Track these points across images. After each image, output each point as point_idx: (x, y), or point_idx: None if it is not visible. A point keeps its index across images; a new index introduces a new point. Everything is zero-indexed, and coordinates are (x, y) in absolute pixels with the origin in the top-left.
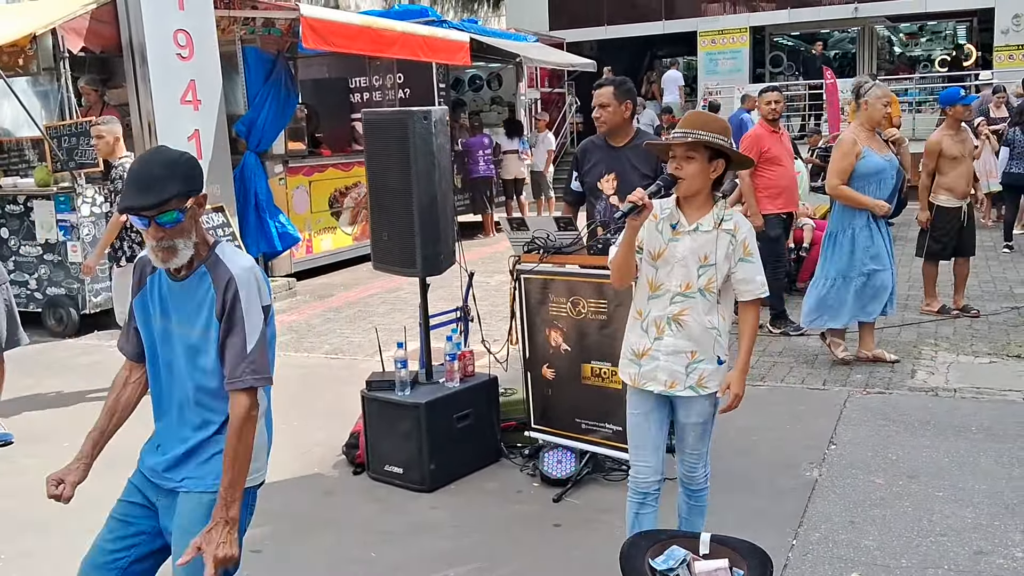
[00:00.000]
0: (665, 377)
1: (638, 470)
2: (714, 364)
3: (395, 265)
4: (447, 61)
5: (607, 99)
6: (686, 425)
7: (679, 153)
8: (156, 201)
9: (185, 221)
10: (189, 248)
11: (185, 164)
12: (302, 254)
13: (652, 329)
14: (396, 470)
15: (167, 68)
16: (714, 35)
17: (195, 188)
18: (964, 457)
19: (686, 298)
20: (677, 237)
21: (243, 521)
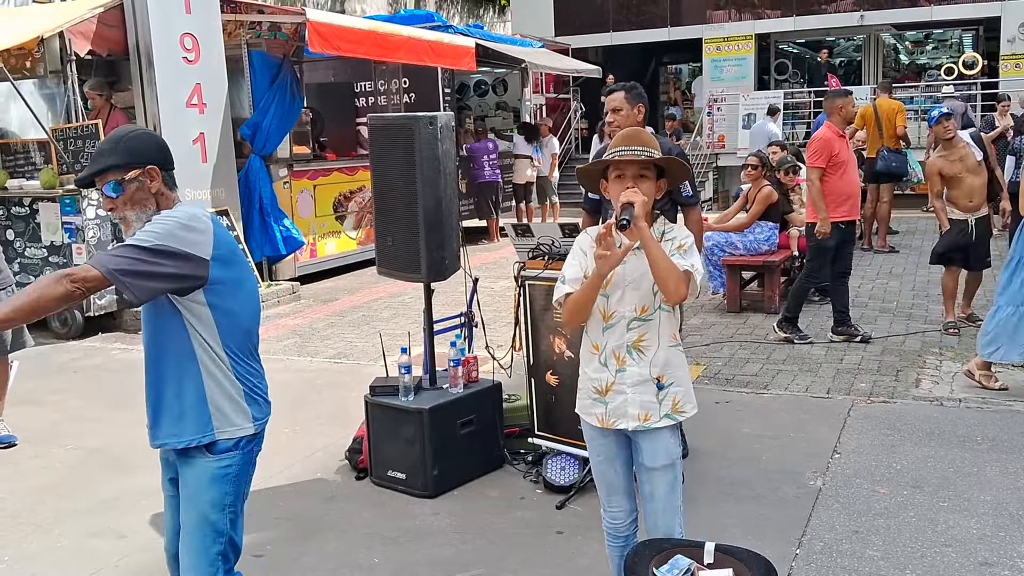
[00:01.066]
0: (636, 411)
1: (614, 516)
2: (684, 385)
3: (399, 270)
4: (452, 66)
5: (619, 103)
6: (654, 473)
7: (631, 172)
8: (90, 172)
9: (130, 192)
10: (142, 221)
11: (131, 139)
12: (306, 258)
13: (612, 361)
14: (399, 475)
15: (173, 71)
16: (719, 42)
17: (139, 160)
18: (969, 467)
19: (643, 322)
20: (624, 260)
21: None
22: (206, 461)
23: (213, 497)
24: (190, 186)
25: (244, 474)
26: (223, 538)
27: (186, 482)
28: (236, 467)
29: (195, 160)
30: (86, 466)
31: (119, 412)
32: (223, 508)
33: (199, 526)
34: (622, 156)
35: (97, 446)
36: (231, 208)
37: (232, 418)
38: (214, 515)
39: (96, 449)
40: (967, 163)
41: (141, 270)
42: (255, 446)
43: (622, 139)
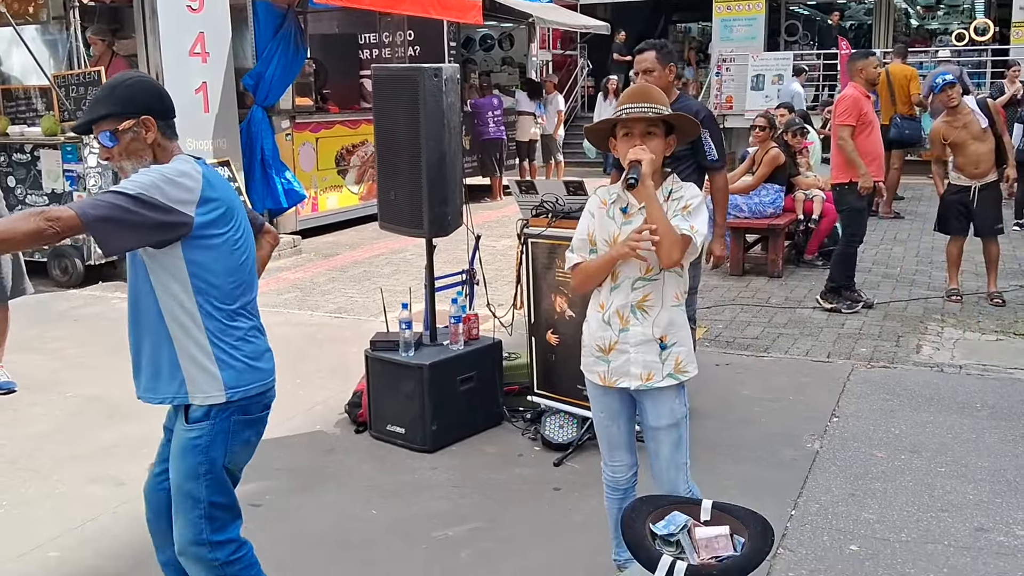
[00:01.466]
0: (639, 370)
1: (615, 470)
2: (686, 345)
3: (402, 225)
4: (459, 19)
5: (651, 64)
6: (659, 432)
7: (639, 130)
8: (84, 119)
9: (125, 143)
10: (137, 171)
11: (126, 87)
12: (307, 212)
13: (616, 320)
14: (398, 430)
15: (176, 20)
16: (730, 1)
17: (134, 109)
18: (967, 434)
19: (648, 282)
20: (629, 220)
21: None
22: (182, 429)
23: (187, 466)
24: (192, 136)
25: (219, 443)
26: (202, 504)
27: (172, 442)
28: (207, 437)
29: (197, 110)
30: (85, 413)
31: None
32: (196, 477)
33: (178, 492)
34: (629, 114)
35: (96, 394)
36: (232, 159)
37: (201, 384)
38: (188, 484)
39: (95, 397)
40: (971, 129)
41: (120, 218)
42: (233, 414)
43: (629, 96)
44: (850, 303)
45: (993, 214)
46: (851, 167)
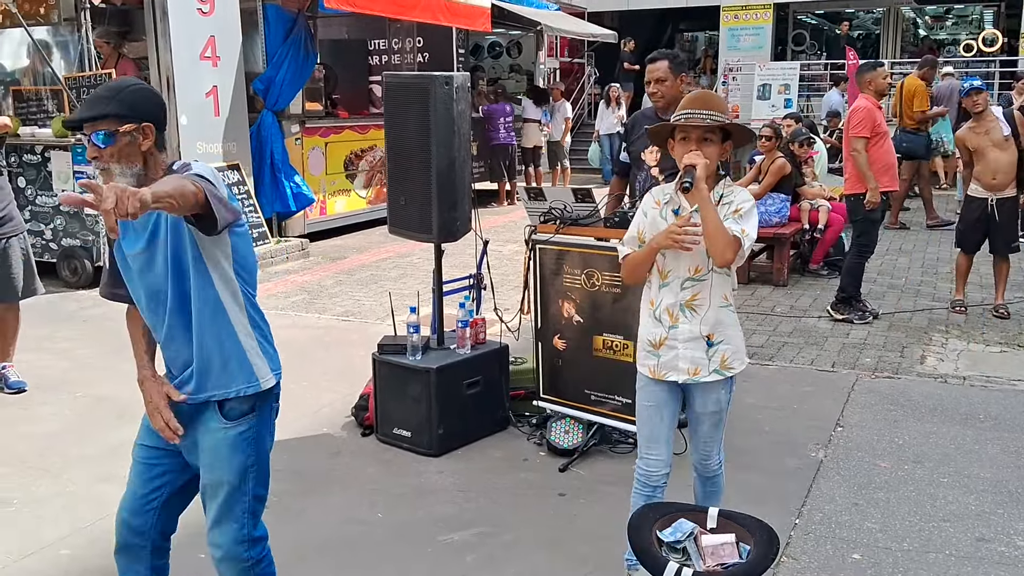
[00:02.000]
0: (687, 365)
1: (649, 464)
2: (733, 343)
3: (411, 230)
4: (468, 26)
5: (663, 73)
6: (702, 415)
7: (695, 136)
8: (87, 115)
9: (119, 146)
10: (126, 178)
11: (132, 92)
12: (316, 215)
13: (665, 317)
14: (404, 433)
15: (187, 23)
16: (737, 10)
17: (136, 115)
18: (970, 444)
19: (696, 282)
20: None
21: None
22: (222, 427)
23: (237, 463)
24: (202, 139)
25: (265, 432)
26: (246, 498)
27: (204, 447)
28: (255, 429)
29: (208, 113)
30: (95, 413)
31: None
32: (245, 471)
33: (226, 490)
34: (687, 120)
35: (106, 394)
36: (242, 162)
37: (262, 370)
38: (237, 480)
39: (105, 397)
40: (992, 136)
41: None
42: (272, 401)
43: (689, 102)
44: (861, 314)
45: (1011, 231)
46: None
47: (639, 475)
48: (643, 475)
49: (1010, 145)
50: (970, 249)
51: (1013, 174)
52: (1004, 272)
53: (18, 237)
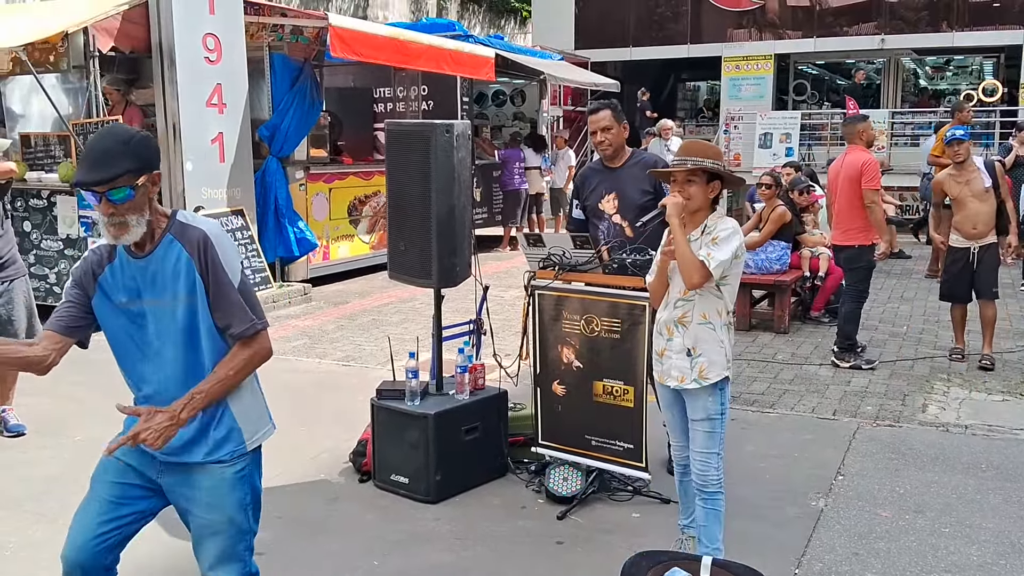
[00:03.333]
0: (677, 373)
1: (675, 448)
2: (710, 356)
3: (411, 275)
4: (472, 75)
5: (609, 122)
6: (694, 423)
7: (680, 178)
8: (107, 176)
9: (137, 198)
10: (141, 225)
11: (139, 142)
12: (319, 260)
13: (664, 331)
14: (402, 480)
15: (195, 71)
16: (739, 60)
17: (148, 166)
18: (972, 494)
19: (685, 302)
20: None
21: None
22: (219, 468)
23: (235, 500)
24: (207, 184)
25: (257, 469)
26: (247, 535)
27: (192, 491)
28: (250, 466)
29: (213, 159)
30: (95, 457)
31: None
32: (244, 508)
33: (228, 528)
34: (673, 166)
35: (105, 437)
36: (247, 208)
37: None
38: (238, 517)
39: (104, 440)
40: (973, 187)
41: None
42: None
43: (680, 149)
44: (868, 360)
45: (991, 278)
46: (875, 229)
47: (672, 456)
48: (675, 457)
49: (990, 196)
50: (961, 300)
51: (992, 224)
52: (989, 319)
53: (20, 280)
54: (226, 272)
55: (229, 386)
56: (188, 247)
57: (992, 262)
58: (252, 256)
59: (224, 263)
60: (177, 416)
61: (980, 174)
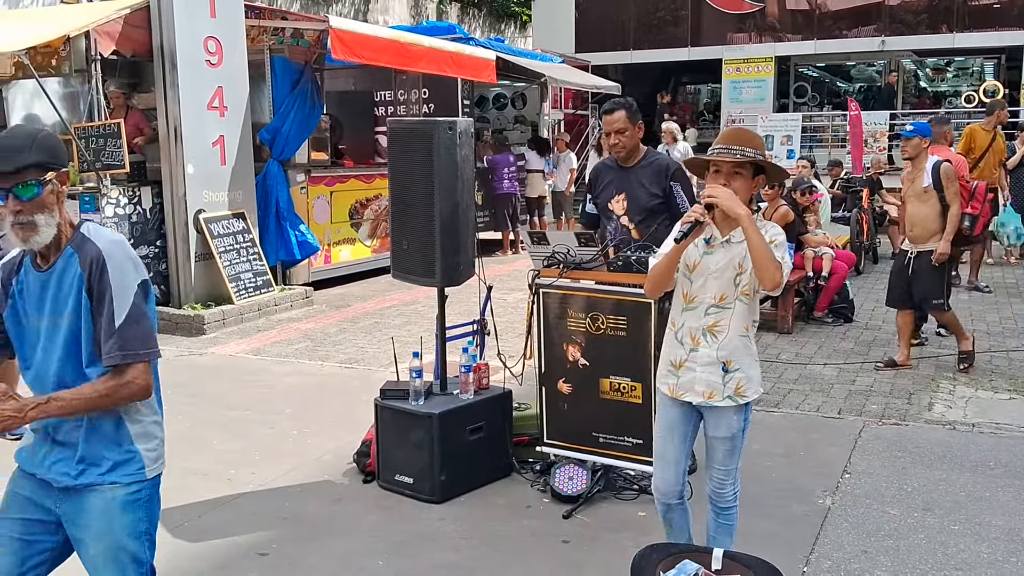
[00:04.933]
0: (703, 388)
1: (655, 479)
2: (748, 372)
3: (414, 274)
4: (473, 78)
5: (623, 124)
6: (715, 440)
7: (726, 169)
8: (12, 168)
9: (45, 195)
10: (51, 226)
11: (45, 138)
12: (320, 263)
13: (687, 340)
14: (406, 480)
15: (196, 74)
16: (739, 63)
17: (56, 162)
18: (981, 492)
19: (721, 309)
20: (711, 250)
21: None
22: (112, 489)
23: (126, 523)
24: (208, 188)
25: (155, 502)
26: (143, 567)
27: (86, 517)
28: (147, 493)
29: (214, 162)
30: None
31: None
32: (139, 536)
33: (116, 555)
34: (719, 155)
35: None
36: (248, 211)
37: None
38: (131, 545)
39: None
40: (915, 186)
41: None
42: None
43: (724, 137)
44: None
45: (927, 286)
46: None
47: (653, 485)
48: (654, 487)
49: (930, 197)
50: (895, 303)
51: (932, 228)
52: (949, 322)
53: None
54: (112, 297)
55: (91, 406)
56: (82, 263)
57: (928, 270)
58: (254, 259)
59: (114, 286)
60: (25, 412)
61: (924, 174)
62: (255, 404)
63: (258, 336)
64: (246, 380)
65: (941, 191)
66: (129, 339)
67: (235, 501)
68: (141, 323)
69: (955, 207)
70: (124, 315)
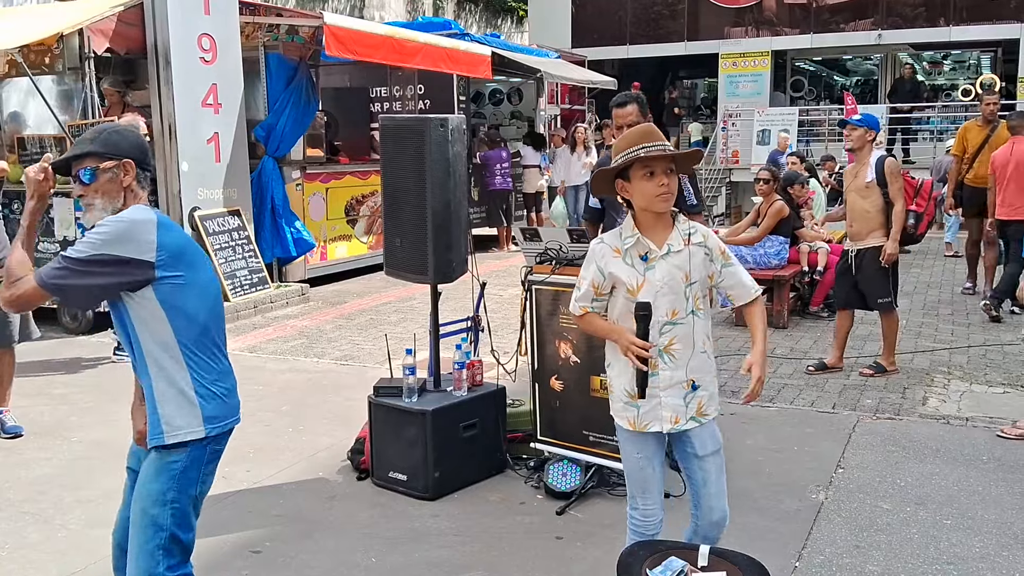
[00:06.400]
0: (668, 414)
1: (646, 514)
2: (710, 389)
3: (407, 271)
4: (469, 74)
5: (636, 117)
6: (705, 459)
7: (662, 168)
8: (68, 155)
9: (101, 182)
10: (107, 212)
11: (113, 132)
12: (316, 260)
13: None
14: (400, 477)
15: (190, 71)
16: (735, 57)
17: (116, 153)
18: (974, 486)
19: (674, 325)
20: (652, 265)
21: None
22: (156, 454)
23: (154, 490)
24: (203, 185)
25: (192, 471)
26: (163, 532)
27: (141, 472)
28: (182, 463)
29: (209, 159)
30: (90, 458)
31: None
32: (164, 503)
33: (141, 517)
34: (649, 152)
35: (102, 438)
36: (243, 208)
37: (179, 422)
38: (154, 509)
39: (101, 442)
40: (857, 181)
41: (75, 283)
42: (210, 445)
43: (641, 135)
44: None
45: (873, 284)
46: None
47: (634, 526)
48: (639, 525)
49: (870, 192)
50: (839, 304)
51: (872, 224)
52: (885, 331)
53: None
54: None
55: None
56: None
57: (872, 269)
58: (249, 257)
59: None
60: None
61: (868, 168)
62: (250, 401)
63: (254, 333)
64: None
65: (885, 187)
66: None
67: (229, 498)
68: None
69: (899, 204)
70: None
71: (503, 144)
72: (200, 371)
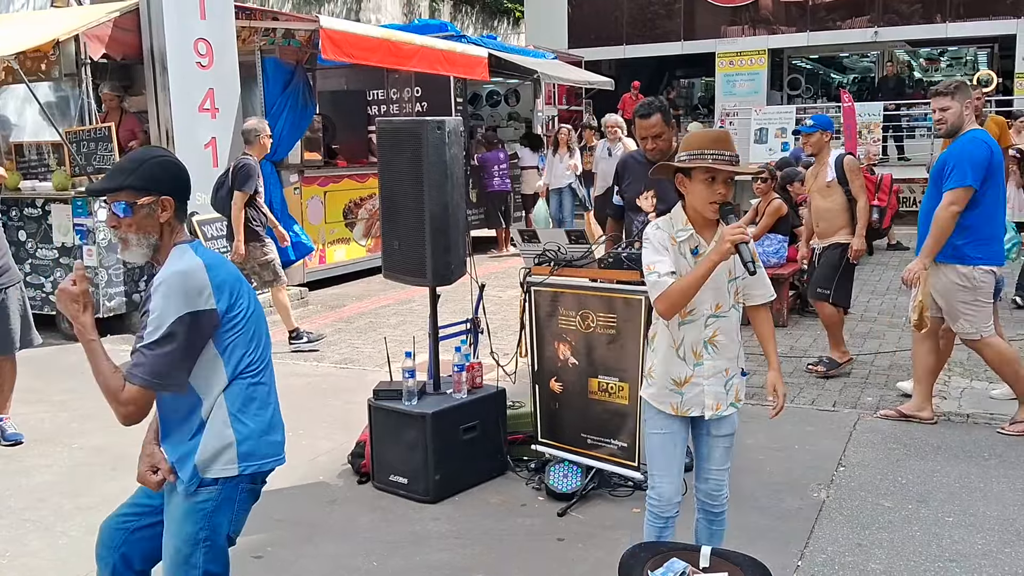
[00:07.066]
0: (711, 401)
1: (664, 492)
2: (740, 376)
3: (405, 274)
4: (465, 75)
5: (660, 128)
6: (718, 439)
7: (722, 177)
8: (104, 187)
9: (137, 217)
10: (143, 248)
11: (154, 163)
12: (315, 264)
13: (690, 355)
14: (401, 480)
15: (187, 76)
16: (732, 56)
17: (155, 188)
18: (975, 483)
19: (718, 318)
20: (701, 260)
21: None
22: (183, 494)
23: (187, 532)
24: (201, 190)
25: (225, 511)
26: (196, 571)
27: (168, 506)
28: (213, 503)
29: (206, 164)
30: (91, 465)
31: None
32: (196, 543)
33: (175, 556)
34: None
35: (102, 445)
36: None
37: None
38: (186, 549)
39: (101, 448)
40: (818, 182)
41: (165, 362)
42: (241, 482)
43: (713, 142)
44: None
45: (819, 275)
46: None
47: (653, 506)
48: (657, 505)
49: (832, 192)
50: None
51: (838, 223)
52: (825, 322)
53: (14, 287)
54: (149, 321)
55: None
56: (152, 285)
57: (827, 261)
58: None
59: (153, 312)
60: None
61: (828, 168)
62: None
63: None
64: None
65: (846, 185)
66: (140, 361)
67: None
68: (161, 351)
69: (862, 200)
70: (151, 340)
71: (501, 146)
72: (242, 406)
